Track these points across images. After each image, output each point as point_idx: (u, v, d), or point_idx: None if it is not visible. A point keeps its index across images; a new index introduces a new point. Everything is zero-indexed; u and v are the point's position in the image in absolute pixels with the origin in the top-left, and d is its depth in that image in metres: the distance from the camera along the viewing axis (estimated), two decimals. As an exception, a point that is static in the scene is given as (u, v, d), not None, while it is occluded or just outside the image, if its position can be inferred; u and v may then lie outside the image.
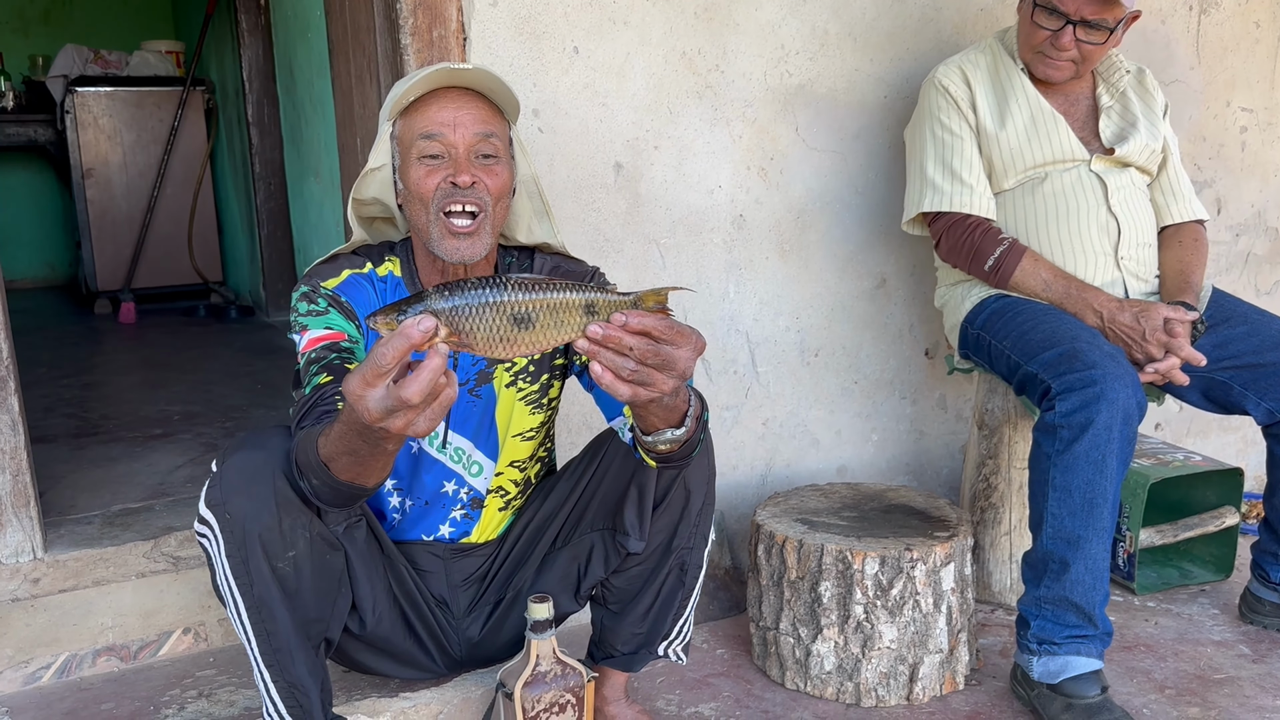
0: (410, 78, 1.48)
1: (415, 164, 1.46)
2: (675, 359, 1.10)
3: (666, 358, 1.09)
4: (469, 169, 1.44)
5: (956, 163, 2.09)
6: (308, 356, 1.44)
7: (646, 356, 1.08)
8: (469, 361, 1.58)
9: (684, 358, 1.11)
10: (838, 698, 1.92)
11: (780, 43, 2.26)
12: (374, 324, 1.03)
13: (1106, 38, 2.01)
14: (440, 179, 1.45)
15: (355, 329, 1.50)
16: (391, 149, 1.52)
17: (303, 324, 1.47)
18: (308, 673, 1.45)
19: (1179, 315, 1.92)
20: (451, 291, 1.03)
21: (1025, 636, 1.87)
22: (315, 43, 3.58)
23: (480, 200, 1.45)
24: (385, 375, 1.01)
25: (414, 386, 0.99)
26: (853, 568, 1.86)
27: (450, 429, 1.61)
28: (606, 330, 1.06)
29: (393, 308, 1.03)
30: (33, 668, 1.88)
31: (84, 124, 4.89)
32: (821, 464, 2.51)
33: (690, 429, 1.31)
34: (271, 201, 4.61)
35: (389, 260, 1.59)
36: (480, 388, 1.60)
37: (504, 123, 1.52)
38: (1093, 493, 1.78)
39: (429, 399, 1.02)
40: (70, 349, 4.20)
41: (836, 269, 2.43)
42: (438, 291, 1.03)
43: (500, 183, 1.48)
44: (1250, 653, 2.09)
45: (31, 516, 1.91)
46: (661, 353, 1.08)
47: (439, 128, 1.44)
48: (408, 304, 1.03)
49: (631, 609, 1.67)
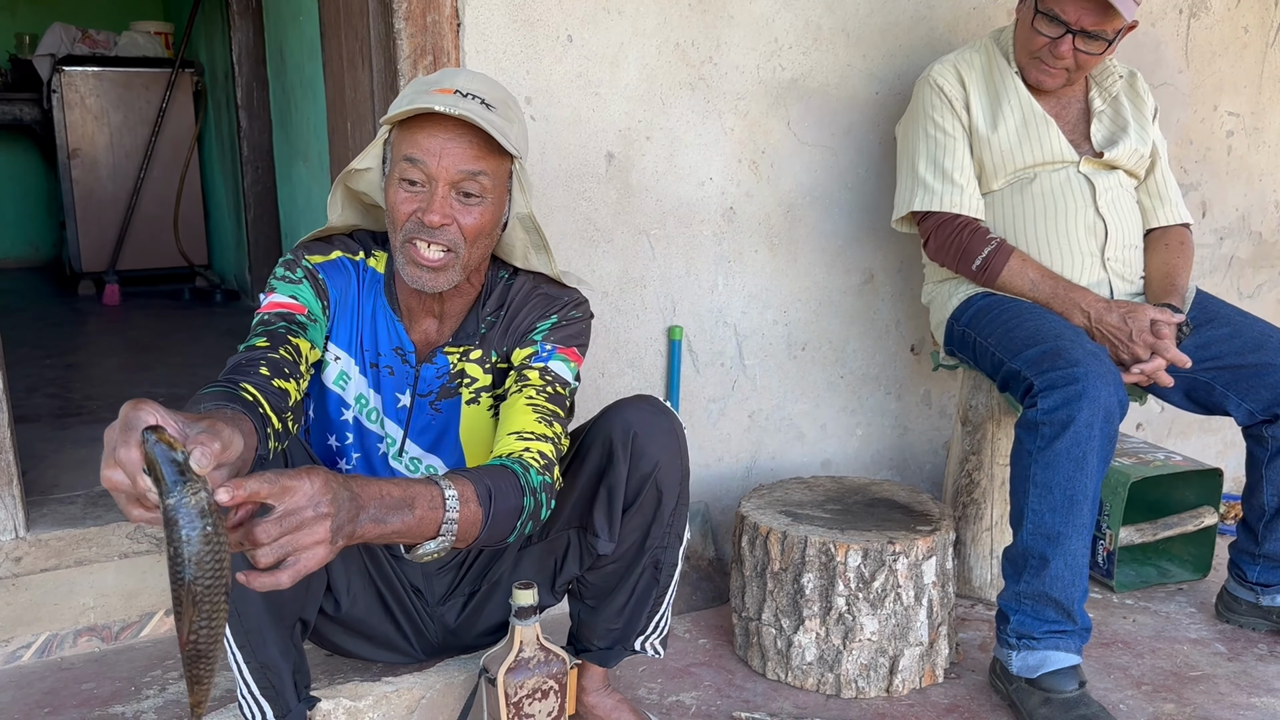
0: (421, 88, 1.41)
1: (396, 183, 1.41)
2: (298, 511, 0.99)
3: (287, 515, 0.98)
4: (442, 208, 1.38)
5: (948, 162, 2.10)
6: (260, 317, 1.44)
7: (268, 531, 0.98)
8: (432, 375, 1.57)
9: (306, 505, 0.99)
10: (818, 688, 1.93)
11: (774, 36, 2.26)
12: (148, 447, 0.89)
13: (1104, 48, 2.02)
14: (413, 210, 1.40)
15: (321, 309, 1.49)
16: (385, 153, 1.48)
17: (272, 286, 1.48)
18: (279, 653, 1.45)
19: (1165, 317, 1.94)
20: (187, 524, 0.88)
21: (1005, 631, 1.88)
22: (306, 26, 3.55)
23: (449, 241, 1.41)
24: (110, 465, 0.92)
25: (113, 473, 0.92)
26: (835, 560, 1.88)
27: (408, 438, 1.60)
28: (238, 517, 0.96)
29: (176, 467, 0.88)
30: (13, 647, 1.87)
31: (71, 104, 4.85)
32: (806, 457, 2.52)
33: (456, 535, 1.21)
34: (259, 185, 4.58)
35: (376, 254, 1.58)
36: (440, 402, 1.59)
37: (501, 159, 1.43)
38: (1073, 489, 1.80)
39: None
40: (53, 330, 4.18)
41: (825, 263, 2.44)
42: (188, 512, 0.88)
43: (478, 224, 1.42)
44: (1226, 651, 2.11)
45: (14, 495, 1.90)
46: (283, 514, 0.98)
47: (423, 154, 1.38)
48: (180, 477, 0.88)
49: (606, 605, 1.67)
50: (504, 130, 1.39)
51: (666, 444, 1.55)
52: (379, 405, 1.58)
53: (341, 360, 1.56)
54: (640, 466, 1.54)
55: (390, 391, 1.58)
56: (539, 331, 1.54)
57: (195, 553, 0.88)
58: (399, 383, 1.58)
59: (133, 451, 0.89)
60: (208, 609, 0.90)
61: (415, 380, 1.57)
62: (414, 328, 1.56)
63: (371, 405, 1.58)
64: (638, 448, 1.53)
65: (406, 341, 1.56)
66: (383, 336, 1.56)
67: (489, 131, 1.37)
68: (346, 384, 1.57)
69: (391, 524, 1.13)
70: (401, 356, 1.57)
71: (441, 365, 1.57)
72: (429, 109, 1.35)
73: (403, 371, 1.57)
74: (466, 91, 1.38)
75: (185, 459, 0.89)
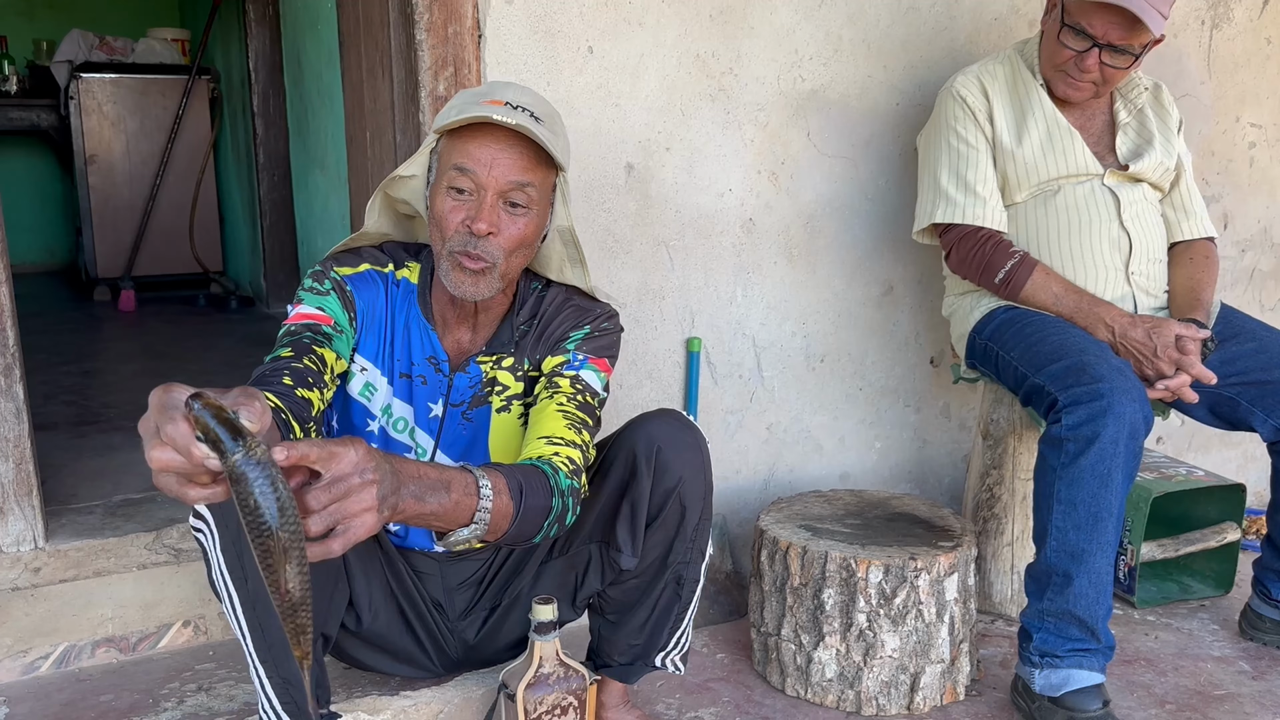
0: (471, 99, 1.43)
1: (443, 192, 1.44)
2: (345, 477, 0.98)
3: (335, 482, 0.98)
4: (490, 216, 1.41)
5: (971, 175, 2.08)
6: (287, 329, 1.46)
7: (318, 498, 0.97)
8: (465, 384, 1.58)
9: (352, 471, 0.99)
10: (838, 705, 1.92)
11: (794, 47, 2.26)
12: (196, 413, 0.87)
13: (1131, 63, 2.00)
14: (460, 219, 1.42)
15: (348, 321, 1.50)
16: (431, 162, 1.49)
17: (300, 298, 1.49)
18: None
19: (1191, 332, 1.92)
20: (269, 479, 0.88)
21: (1027, 649, 1.86)
22: (325, 34, 3.56)
23: (490, 254, 1.42)
24: (152, 439, 0.90)
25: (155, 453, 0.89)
26: (856, 575, 1.86)
27: (439, 448, 1.60)
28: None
29: (229, 426, 0.88)
30: (31, 657, 1.87)
31: (88, 110, 4.87)
32: (824, 470, 2.50)
33: (489, 525, 1.22)
34: (275, 193, 4.60)
35: (409, 266, 1.59)
36: (472, 411, 1.59)
37: (548, 171, 1.46)
38: (1097, 507, 1.78)
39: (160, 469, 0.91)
40: (69, 336, 4.19)
41: (844, 275, 2.43)
42: (262, 465, 0.88)
43: (521, 235, 1.44)
44: (1250, 669, 2.09)
45: (34, 505, 1.90)
46: (331, 480, 0.97)
47: (474, 164, 1.40)
48: (238, 434, 0.88)
49: (628, 621, 1.66)
50: (552, 143, 1.42)
51: (690, 459, 1.54)
52: (408, 415, 1.59)
53: (368, 371, 1.56)
54: (664, 481, 1.53)
55: (423, 401, 1.58)
56: (571, 341, 1.55)
57: (275, 501, 0.88)
58: (431, 392, 1.58)
59: (181, 425, 0.88)
60: (296, 555, 0.90)
61: (449, 389, 1.58)
62: (447, 337, 1.57)
63: (398, 415, 1.58)
64: (661, 463, 1.52)
65: (440, 351, 1.57)
66: (416, 346, 1.57)
67: (541, 143, 1.39)
68: (372, 395, 1.57)
69: (430, 504, 1.13)
70: (435, 366, 1.57)
71: (474, 374, 1.58)
72: (486, 119, 1.37)
73: (436, 381, 1.57)
74: (516, 104, 1.41)
75: (236, 417, 0.89)
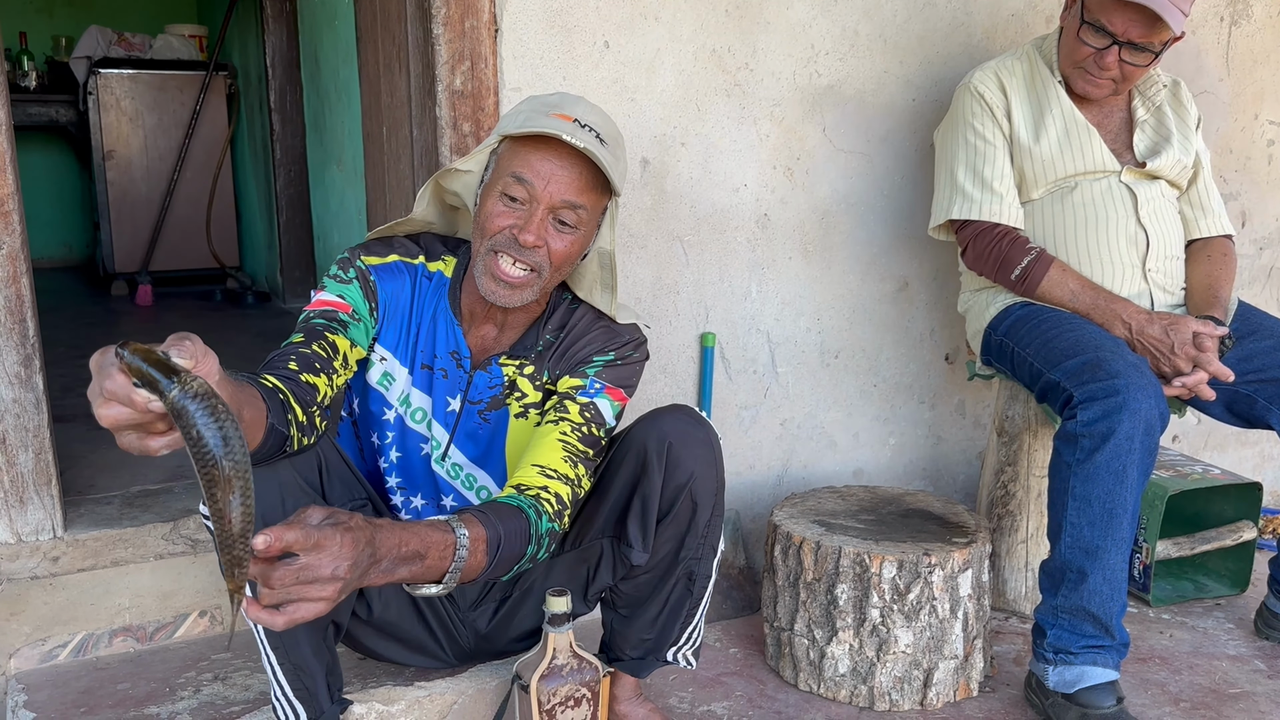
0: (539, 108, 1.43)
1: (496, 196, 1.44)
2: (318, 568, 0.99)
3: (306, 569, 0.99)
4: (538, 230, 1.42)
5: (988, 171, 2.08)
6: (305, 314, 1.48)
7: (285, 577, 0.98)
8: (485, 383, 1.58)
9: (327, 565, 1.00)
10: (851, 701, 1.92)
11: (810, 42, 2.25)
12: (126, 360, 0.88)
13: (1150, 60, 2.00)
14: (508, 225, 1.43)
15: (368, 310, 1.52)
16: (490, 161, 1.50)
17: (323, 284, 1.52)
18: (312, 655, 1.47)
19: (1208, 330, 1.91)
20: (212, 411, 0.87)
21: (1041, 645, 1.86)
22: (342, 30, 3.57)
23: (536, 263, 1.43)
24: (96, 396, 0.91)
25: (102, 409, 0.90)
26: (870, 571, 1.86)
27: (454, 443, 1.61)
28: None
29: (162, 366, 0.87)
30: (49, 645, 1.89)
31: (106, 106, 4.90)
32: (838, 466, 2.50)
33: (457, 581, 1.22)
34: (291, 188, 4.62)
35: (444, 260, 1.59)
36: (490, 412, 1.60)
37: (601, 195, 1.48)
38: (1113, 503, 1.78)
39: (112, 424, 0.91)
40: (87, 329, 4.22)
41: (859, 271, 2.43)
42: (203, 398, 0.87)
43: (566, 251, 1.45)
44: (1266, 668, 2.08)
45: (53, 495, 1.92)
46: (303, 566, 0.98)
47: (533, 176, 1.41)
48: (170, 372, 0.88)
49: (639, 615, 1.67)
50: (613, 167, 1.43)
51: (702, 455, 1.54)
52: (426, 406, 1.60)
53: (387, 361, 1.57)
54: (675, 477, 1.53)
55: (441, 395, 1.59)
56: (594, 366, 1.55)
57: (215, 433, 0.87)
58: (451, 387, 1.59)
59: (117, 377, 0.88)
60: (240, 485, 0.89)
61: (467, 386, 1.58)
62: (472, 332, 1.58)
63: (416, 405, 1.59)
64: (673, 458, 1.53)
65: (463, 346, 1.57)
66: (441, 339, 1.58)
67: (603, 168, 1.40)
68: (390, 385, 1.58)
69: (398, 574, 1.15)
70: (456, 361, 1.58)
71: (495, 375, 1.58)
72: (556, 135, 1.37)
73: (456, 375, 1.58)
74: (585, 122, 1.41)
75: (167, 357, 0.89)
